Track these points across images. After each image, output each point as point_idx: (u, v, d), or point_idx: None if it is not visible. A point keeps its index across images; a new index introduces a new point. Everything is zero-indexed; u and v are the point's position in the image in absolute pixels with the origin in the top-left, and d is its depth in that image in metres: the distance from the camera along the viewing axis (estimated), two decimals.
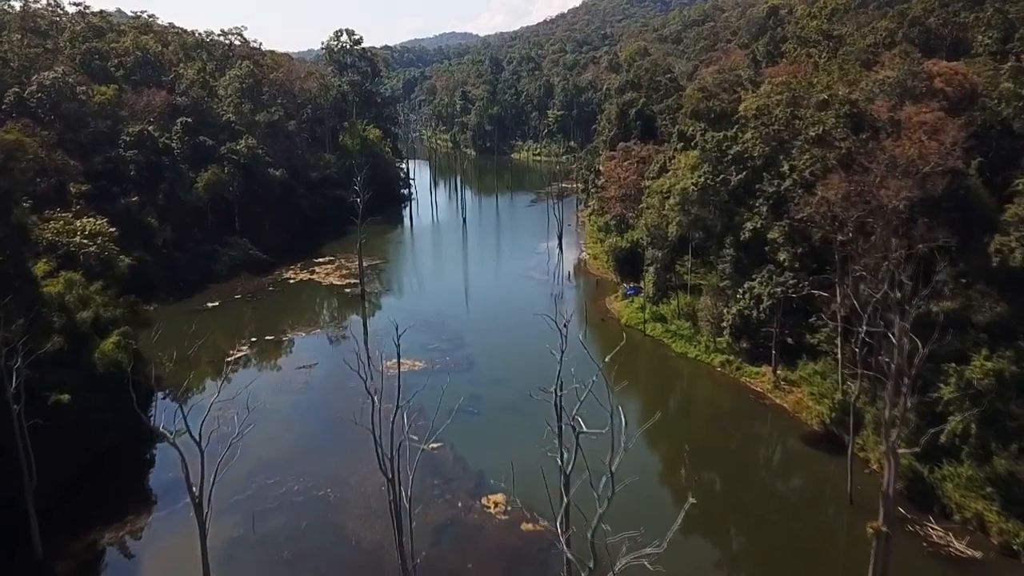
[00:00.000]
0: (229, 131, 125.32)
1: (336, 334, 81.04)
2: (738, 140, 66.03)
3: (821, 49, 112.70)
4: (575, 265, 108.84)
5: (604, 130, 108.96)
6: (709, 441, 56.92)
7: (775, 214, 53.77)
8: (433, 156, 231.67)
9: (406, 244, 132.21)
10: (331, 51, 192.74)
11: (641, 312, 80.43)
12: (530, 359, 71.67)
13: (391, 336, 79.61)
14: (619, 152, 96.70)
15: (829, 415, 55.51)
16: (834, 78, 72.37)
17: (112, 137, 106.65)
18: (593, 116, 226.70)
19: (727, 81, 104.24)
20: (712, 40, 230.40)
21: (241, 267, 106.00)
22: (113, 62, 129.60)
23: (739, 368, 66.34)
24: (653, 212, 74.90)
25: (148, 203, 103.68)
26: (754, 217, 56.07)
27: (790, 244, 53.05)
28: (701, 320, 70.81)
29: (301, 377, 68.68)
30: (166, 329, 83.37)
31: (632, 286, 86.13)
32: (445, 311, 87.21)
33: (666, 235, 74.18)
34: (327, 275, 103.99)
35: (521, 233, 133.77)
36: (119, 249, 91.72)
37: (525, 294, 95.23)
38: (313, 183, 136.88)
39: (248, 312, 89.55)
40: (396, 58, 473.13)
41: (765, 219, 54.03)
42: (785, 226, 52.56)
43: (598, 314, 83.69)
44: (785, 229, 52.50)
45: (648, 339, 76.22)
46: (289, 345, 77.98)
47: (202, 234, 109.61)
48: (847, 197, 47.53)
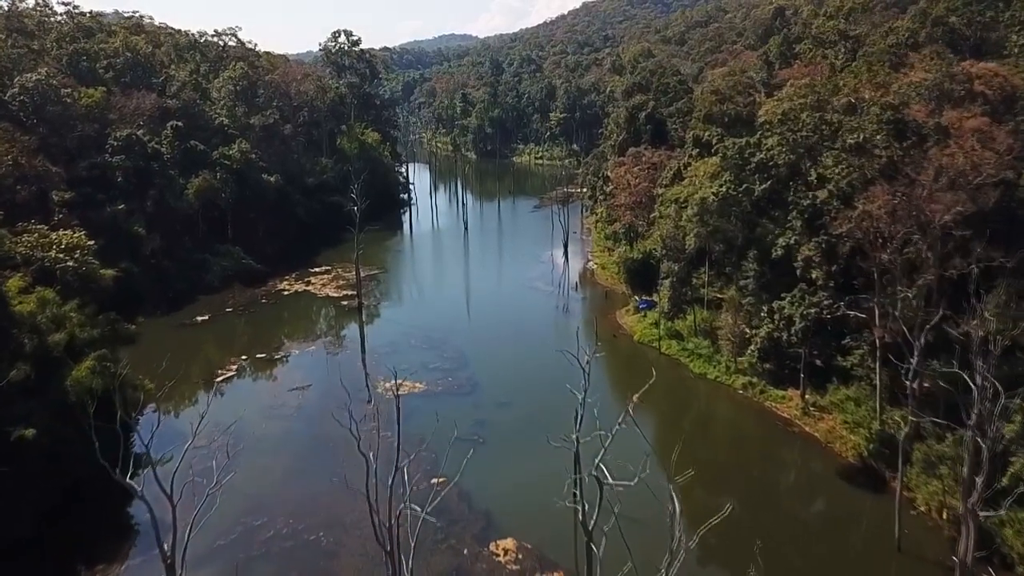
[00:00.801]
0: (222, 135, 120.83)
1: (332, 351, 76.50)
2: (762, 147, 61.54)
3: (838, 50, 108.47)
4: (582, 275, 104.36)
5: (612, 134, 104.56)
6: (736, 473, 52.41)
7: (809, 229, 49.35)
8: (433, 159, 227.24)
9: (405, 252, 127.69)
10: (329, 52, 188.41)
11: (655, 328, 75.96)
12: (537, 379, 67.29)
13: (389, 354, 75.60)
14: (629, 158, 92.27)
15: (866, 447, 51.12)
16: (862, 80, 68.02)
17: (100, 141, 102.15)
18: (596, 119, 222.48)
19: (741, 84, 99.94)
20: (717, 41, 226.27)
21: (233, 277, 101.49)
22: (102, 63, 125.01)
23: (763, 391, 61.85)
24: (668, 222, 70.44)
25: (136, 211, 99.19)
26: (785, 232, 51.62)
27: (826, 262, 48.60)
28: (721, 339, 66.33)
29: (293, 400, 64.14)
30: (153, 345, 79.06)
31: (644, 299, 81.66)
32: (446, 325, 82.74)
33: (683, 247, 69.70)
34: (323, 286, 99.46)
35: (524, 240, 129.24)
36: (103, 260, 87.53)
37: (530, 307, 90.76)
38: (309, 189, 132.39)
39: (239, 326, 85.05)
40: (395, 60, 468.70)
41: (799, 235, 49.58)
42: (822, 243, 48.10)
43: (609, 329, 79.19)
44: (822, 246, 48.05)
45: (663, 358, 71.72)
46: (281, 364, 73.45)
47: (193, 243, 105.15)
48: (892, 211, 43.09)
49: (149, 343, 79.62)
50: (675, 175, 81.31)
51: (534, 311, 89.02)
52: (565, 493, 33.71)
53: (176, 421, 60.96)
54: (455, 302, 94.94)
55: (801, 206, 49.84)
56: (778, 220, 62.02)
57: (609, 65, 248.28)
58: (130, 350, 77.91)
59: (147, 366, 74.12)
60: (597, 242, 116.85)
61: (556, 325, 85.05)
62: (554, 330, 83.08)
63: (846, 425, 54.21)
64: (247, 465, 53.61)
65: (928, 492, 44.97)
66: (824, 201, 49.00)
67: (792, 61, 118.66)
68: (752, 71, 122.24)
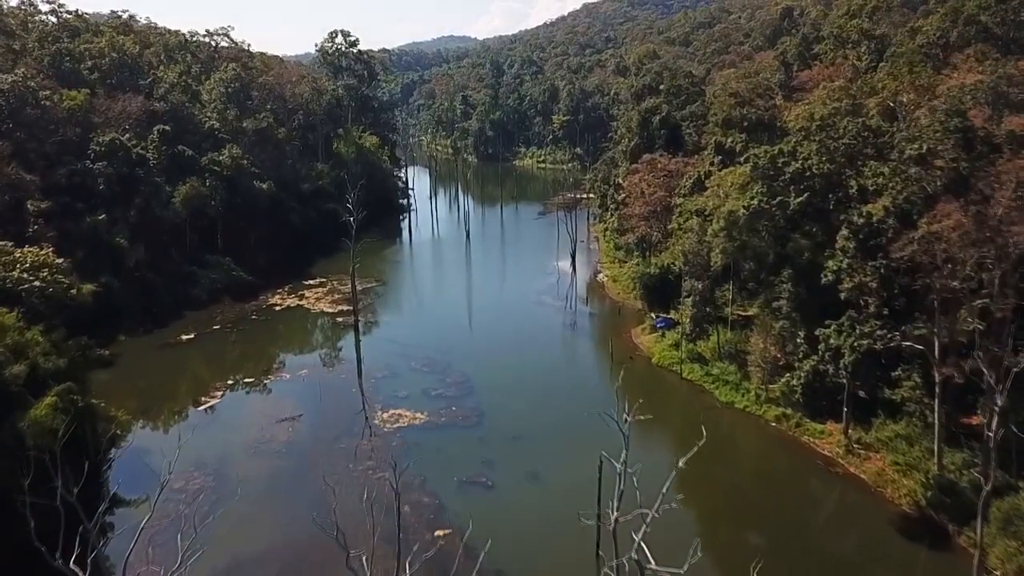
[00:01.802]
0: (212, 140, 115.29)
1: (325, 375, 70.74)
2: (797, 155, 55.95)
3: (861, 50, 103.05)
4: (592, 287, 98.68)
5: (623, 139, 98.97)
6: (774, 520, 46.74)
7: (863, 250, 43.76)
8: (433, 163, 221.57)
9: (404, 263, 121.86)
10: (325, 53, 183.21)
11: (675, 350, 70.36)
12: (549, 409, 61.60)
13: (387, 378, 69.92)
14: (643, 165, 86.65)
15: (923, 494, 45.50)
16: (903, 82, 62.49)
17: (83, 147, 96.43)
18: (601, 121, 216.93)
19: (760, 86, 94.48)
20: (724, 43, 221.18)
21: (223, 291, 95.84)
22: (87, 64, 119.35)
23: (799, 424, 56.20)
24: (691, 236, 64.83)
25: (119, 220, 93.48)
26: (836, 255, 46.03)
27: (883, 289, 43.00)
28: (751, 364, 60.71)
29: (283, 433, 58.39)
30: (134, 367, 73.40)
31: (661, 317, 76.04)
32: (449, 345, 77.02)
33: (707, 263, 64.13)
34: (317, 300, 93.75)
35: (529, 249, 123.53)
36: (83, 274, 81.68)
37: (538, 324, 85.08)
38: (304, 195, 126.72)
39: (227, 346, 79.33)
40: (394, 61, 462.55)
41: (851, 257, 44.01)
42: (880, 267, 42.49)
43: (624, 350, 73.54)
44: (880, 271, 42.44)
45: (685, 383, 66.11)
46: (270, 389, 67.67)
47: (180, 254, 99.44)
48: (965, 233, 37.51)
49: (130, 364, 74.13)
50: (695, 184, 75.76)
51: (542, 329, 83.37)
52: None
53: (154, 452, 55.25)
54: (458, 318, 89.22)
55: (854, 224, 44.25)
56: (814, 235, 56.54)
57: (613, 67, 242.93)
58: (109, 372, 72.52)
59: (127, 390, 68.76)
60: (606, 252, 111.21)
61: (567, 345, 79.56)
62: (565, 351, 77.68)
63: (897, 467, 48.61)
64: (227, 514, 47.90)
65: (1005, 552, 39.32)
66: (880, 220, 43.40)
67: (811, 62, 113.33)
68: (767, 72, 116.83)
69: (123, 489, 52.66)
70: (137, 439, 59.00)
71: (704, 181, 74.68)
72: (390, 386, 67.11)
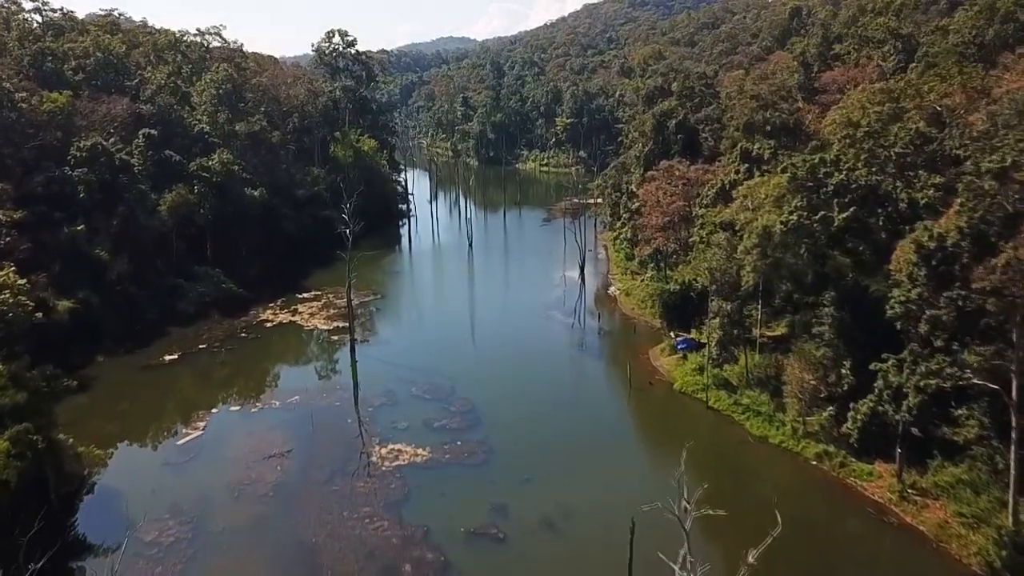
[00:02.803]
0: (202, 144, 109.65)
1: (319, 402, 65.02)
2: (840, 165, 50.43)
3: (887, 50, 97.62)
4: (603, 302, 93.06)
5: (635, 144, 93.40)
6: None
7: (935, 278, 38.22)
8: (433, 166, 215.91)
9: (404, 274, 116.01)
10: (322, 53, 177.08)
11: (699, 375, 64.79)
12: (564, 442, 55.97)
13: (386, 407, 64.25)
14: (660, 172, 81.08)
15: (997, 554, 39.92)
16: (953, 84, 57.00)
17: (64, 152, 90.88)
18: (605, 124, 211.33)
19: (783, 88, 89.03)
20: (731, 43, 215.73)
21: (211, 305, 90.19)
22: (70, 64, 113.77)
23: (843, 464, 50.60)
24: (719, 253, 59.25)
25: (101, 230, 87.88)
26: (903, 285, 40.47)
27: (957, 322, 37.50)
28: (787, 395, 55.11)
29: (271, 472, 52.71)
30: (111, 393, 67.60)
31: (683, 338, 70.49)
32: (452, 368, 71.42)
33: (737, 283, 58.56)
34: (311, 316, 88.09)
35: (535, 259, 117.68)
36: (60, 289, 76.34)
37: (548, 342, 79.52)
38: (299, 202, 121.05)
39: (213, 368, 73.70)
40: (393, 62, 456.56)
41: (923, 286, 38.48)
42: (956, 299, 36.96)
43: (643, 374, 67.99)
44: (956, 303, 36.94)
45: (711, 413, 60.48)
46: (259, 419, 61.97)
47: (166, 265, 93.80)
48: None
49: (108, 388, 68.59)
50: (719, 194, 70.25)
51: (552, 348, 77.78)
52: None
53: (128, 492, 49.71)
54: (461, 336, 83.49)
55: (924, 248, 38.69)
56: (858, 254, 51.08)
57: (617, 68, 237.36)
58: (86, 396, 66.91)
59: (103, 417, 63.10)
60: (616, 262, 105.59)
61: (580, 368, 73.93)
62: (578, 374, 72.07)
63: (962, 519, 43.04)
64: (204, 570, 42.39)
65: None
66: (955, 243, 37.90)
67: (831, 63, 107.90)
68: (784, 74, 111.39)
69: (93, 533, 47.32)
70: (110, 477, 53.57)
71: (729, 190, 69.20)
72: (389, 416, 61.52)
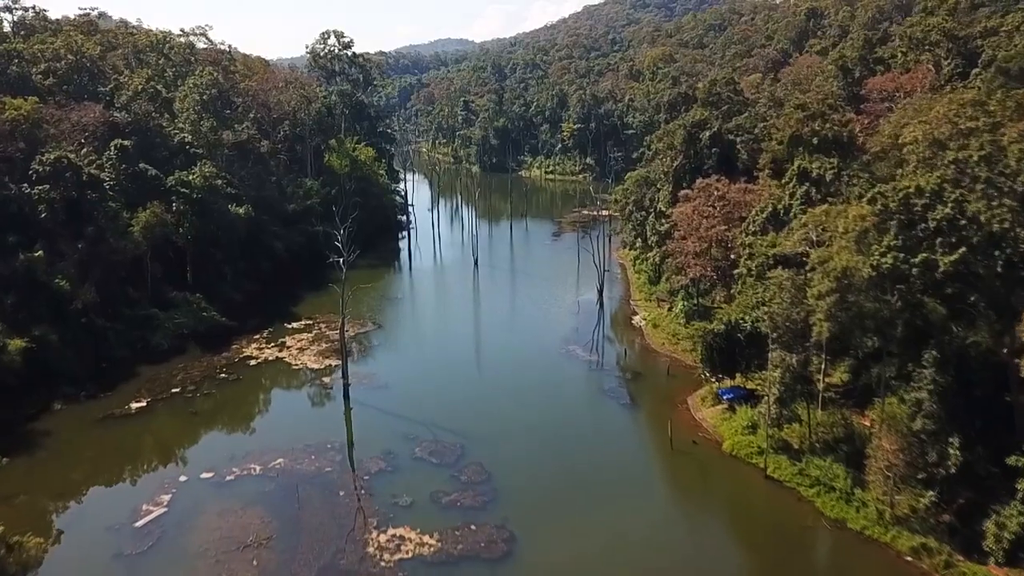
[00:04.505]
0: (183, 155, 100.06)
1: (306, 467, 55.25)
2: (944, 197, 41.02)
3: (938, 53, 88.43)
4: (626, 332, 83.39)
5: (664, 157, 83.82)
6: None
7: None
8: (433, 174, 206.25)
9: (404, 300, 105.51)
10: (317, 56, 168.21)
11: (751, 433, 55.32)
12: (599, 532, 46.34)
13: (386, 474, 54.47)
14: (696, 191, 71.53)
15: None
16: None
17: (29, 166, 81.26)
18: (614, 130, 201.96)
19: (831, 96, 79.69)
20: (745, 45, 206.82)
21: (188, 338, 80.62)
22: (39, 68, 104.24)
23: (949, 564, 41.15)
24: (782, 295, 49.76)
25: (65, 255, 78.42)
26: None
27: None
28: (871, 472, 45.55)
29: (244, 570, 43.08)
30: (64, 452, 57.60)
31: (730, 387, 61.06)
32: (461, 420, 61.65)
33: (804, 331, 49.10)
34: (301, 351, 78.39)
35: (546, 279, 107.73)
36: (12, 326, 66.88)
37: (569, 387, 70.01)
38: (290, 217, 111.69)
39: (184, 421, 63.83)
40: (391, 64, 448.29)
41: None
42: None
43: (685, 429, 58.43)
44: None
45: (771, 485, 50.94)
46: (234, 492, 52.23)
47: (140, 292, 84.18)
48: None
49: (59, 448, 58.86)
50: (771, 219, 60.82)
51: (575, 395, 68.20)
52: None
53: None
54: (469, 379, 73.28)
55: None
56: (972, 305, 41.64)
57: (625, 71, 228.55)
58: (33, 456, 57.44)
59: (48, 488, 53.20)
60: (639, 286, 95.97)
61: (610, 420, 63.86)
62: (609, 430, 61.97)
63: None
64: None
65: None
66: None
67: (874, 67, 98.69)
68: (820, 79, 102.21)
69: None
70: (53, 569, 43.97)
71: (782, 216, 59.81)
72: (389, 486, 51.94)
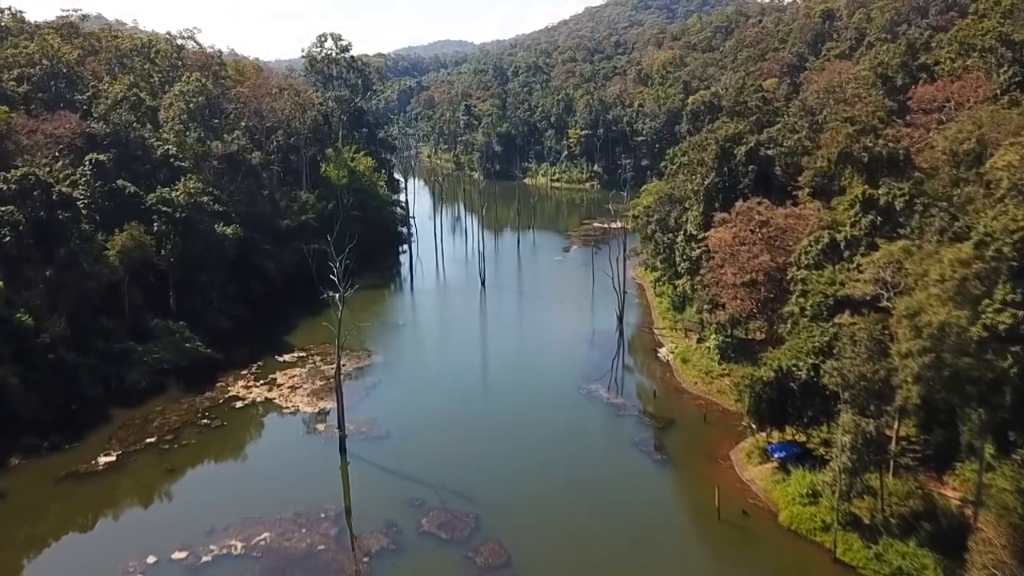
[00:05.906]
0: (167, 169, 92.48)
1: (294, 543, 47.46)
2: None
3: (990, 60, 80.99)
4: (653, 368, 75.65)
5: (693, 175, 76.12)
6: None
7: None
8: (434, 181, 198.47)
9: (407, 326, 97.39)
10: (313, 60, 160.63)
11: (812, 502, 47.67)
12: None
13: (388, 553, 45.80)
14: (737, 216, 63.88)
15: None
16: None
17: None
18: (623, 136, 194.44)
19: (882, 108, 72.22)
20: (758, 49, 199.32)
21: (168, 373, 73.15)
22: (12, 74, 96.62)
23: None
24: (857, 349, 42.18)
25: (32, 283, 71.00)
26: None
27: None
28: (976, 567, 37.90)
29: None
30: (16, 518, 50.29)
31: (781, 443, 53.47)
32: (473, 482, 53.59)
33: (885, 392, 41.51)
34: (293, 389, 70.72)
35: (559, 304, 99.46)
36: None
37: (594, 437, 62.30)
38: (283, 234, 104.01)
39: (157, 480, 55.94)
40: (390, 66, 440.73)
41: None
42: None
43: (732, 495, 50.74)
44: None
45: (839, 568, 43.31)
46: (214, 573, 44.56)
47: (115, 323, 76.54)
48: None
49: (16, 509, 51.30)
50: (828, 250, 53.22)
51: (602, 450, 59.95)
52: None
53: None
54: (481, 428, 64.17)
55: None
56: None
57: (634, 75, 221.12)
58: None
59: None
60: (662, 312, 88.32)
61: (645, 482, 55.33)
62: (645, 495, 53.68)
63: None
64: None
65: None
66: None
67: (917, 74, 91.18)
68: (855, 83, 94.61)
69: None
70: None
71: (843, 248, 52.24)
72: (393, 570, 44.32)
